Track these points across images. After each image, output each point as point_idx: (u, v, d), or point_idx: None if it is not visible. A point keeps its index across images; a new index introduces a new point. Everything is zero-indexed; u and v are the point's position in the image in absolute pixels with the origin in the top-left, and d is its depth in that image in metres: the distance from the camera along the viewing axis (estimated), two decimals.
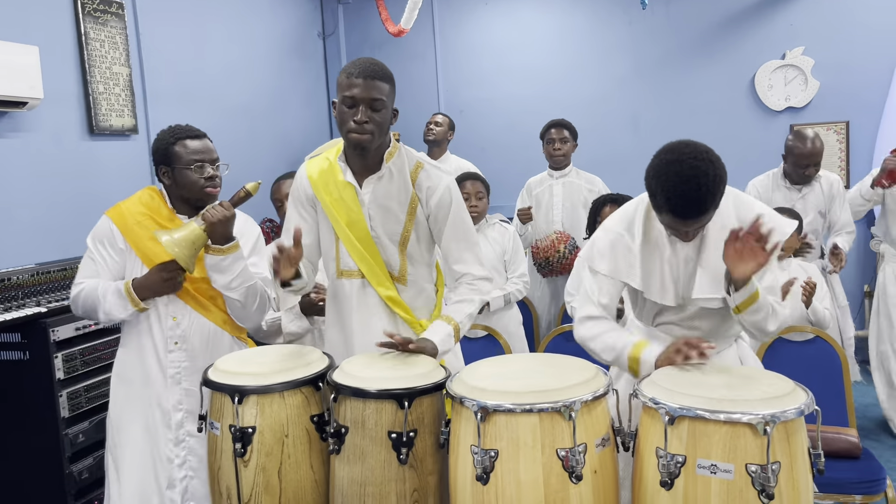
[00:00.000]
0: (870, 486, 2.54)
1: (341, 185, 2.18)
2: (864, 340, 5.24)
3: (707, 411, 1.55)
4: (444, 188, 2.19)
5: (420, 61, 6.06)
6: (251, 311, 2.35)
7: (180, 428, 2.31)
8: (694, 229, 1.90)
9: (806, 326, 2.94)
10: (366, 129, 2.05)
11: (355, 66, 2.06)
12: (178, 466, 2.32)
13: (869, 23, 5.08)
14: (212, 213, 2.19)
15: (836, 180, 3.89)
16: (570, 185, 4.19)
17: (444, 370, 1.95)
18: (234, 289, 2.27)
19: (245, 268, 2.28)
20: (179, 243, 2.16)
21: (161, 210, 2.34)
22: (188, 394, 2.31)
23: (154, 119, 4.10)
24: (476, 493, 1.67)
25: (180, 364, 2.32)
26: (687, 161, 1.77)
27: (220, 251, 2.23)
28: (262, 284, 2.36)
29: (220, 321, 2.37)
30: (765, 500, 1.51)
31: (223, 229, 2.21)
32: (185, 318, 2.33)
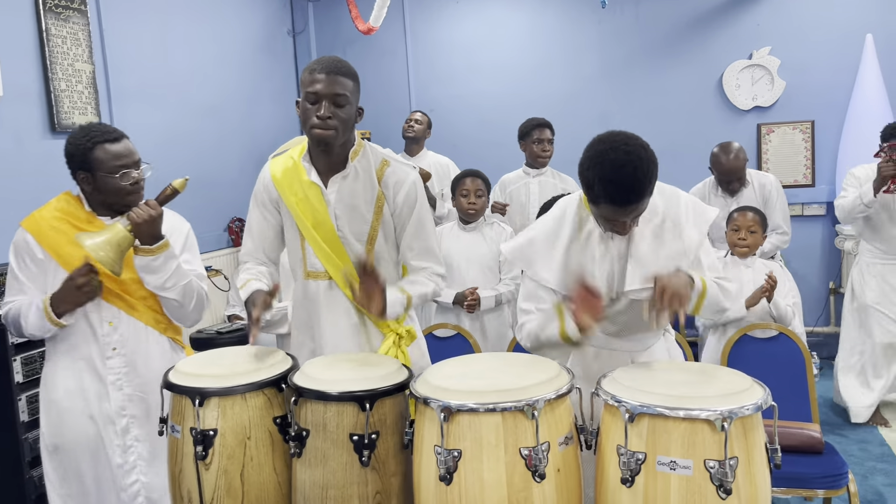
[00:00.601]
0: (832, 480, 2.58)
1: (306, 184, 2.15)
2: (829, 336, 5.33)
3: (667, 408, 1.56)
4: (410, 184, 2.18)
5: (391, 59, 6.05)
6: (189, 310, 2.29)
7: (126, 434, 2.25)
8: (630, 219, 1.90)
9: (770, 323, 2.98)
10: (329, 125, 2.03)
11: (318, 63, 2.05)
12: (127, 472, 2.26)
13: (834, 23, 5.16)
14: (137, 213, 2.10)
15: (769, 181, 3.94)
16: (546, 184, 4.20)
17: (407, 371, 1.94)
18: (168, 289, 2.21)
19: (178, 266, 2.21)
20: (103, 246, 2.06)
21: (78, 213, 2.24)
22: (130, 398, 2.25)
23: (119, 117, 4.04)
24: (440, 493, 1.66)
25: (120, 370, 2.25)
26: (620, 148, 1.79)
27: (149, 251, 2.15)
28: (198, 281, 2.29)
29: (152, 321, 2.29)
30: (723, 495, 1.52)
31: (150, 229, 2.13)
32: (121, 322, 2.25)
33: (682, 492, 1.54)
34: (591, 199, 1.88)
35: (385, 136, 5.86)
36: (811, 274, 5.29)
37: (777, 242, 3.90)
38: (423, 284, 2.18)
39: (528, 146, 4.21)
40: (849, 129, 5.03)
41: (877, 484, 3.38)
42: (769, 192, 3.91)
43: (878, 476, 3.46)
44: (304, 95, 2.06)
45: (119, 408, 2.25)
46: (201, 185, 4.75)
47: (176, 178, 2.25)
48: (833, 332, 5.33)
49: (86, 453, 2.24)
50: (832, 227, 5.29)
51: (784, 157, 5.31)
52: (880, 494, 3.28)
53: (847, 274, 5.20)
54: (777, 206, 3.91)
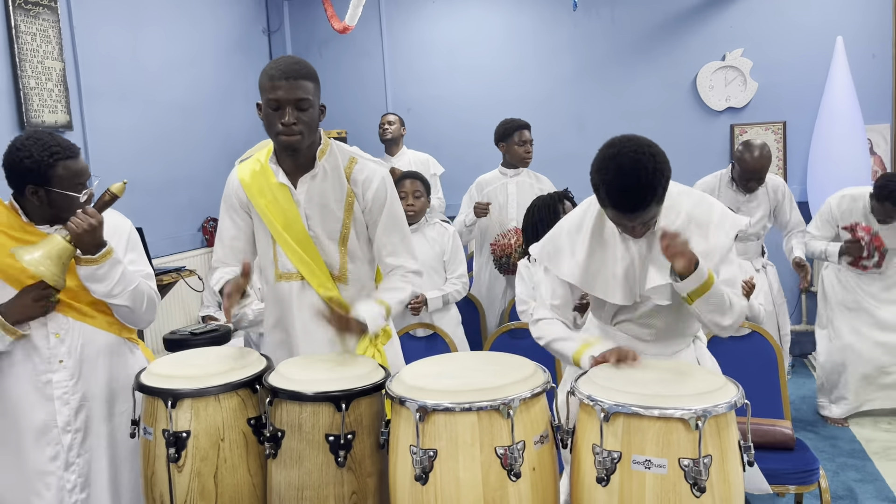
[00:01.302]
0: (804, 476, 2.61)
1: (275, 186, 2.14)
2: (801, 334, 5.41)
3: (641, 407, 1.57)
4: (379, 180, 2.18)
5: (367, 59, 6.03)
6: (141, 314, 2.17)
7: (70, 451, 2.10)
8: (640, 224, 1.88)
9: (743, 322, 3.01)
10: (294, 130, 2.02)
11: (276, 67, 2.02)
12: (70, 491, 2.10)
13: (805, 25, 5.23)
14: (76, 224, 1.97)
15: (780, 184, 4.00)
16: (524, 184, 4.21)
17: (382, 370, 1.94)
18: (116, 295, 2.09)
19: (124, 272, 2.09)
20: (43, 261, 1.94)
21: (13, 223, 2.08)
22: (77, 411, 2.11)
23: (90, 115, 3.98)
24: (415, 493, 1.66)
25: (66, 383, 2.10)
26: (627, 154, 1.77)
27: (92, 261, 2.02)
28: (147, 282, 2.19)
29: (106, 325, 2.18)
30: (697, 493, 1.53)
31: (92, 238, 2.00)
32: (68, 332, 2.11)
33: (657, 490, 1.55)
34: (599, 202, 1.88)
35: (361, 135, 5.84)
36: (783, 273, 5.32)
37: (805, 241, 3.98)
38: (399, 290, 2.16)
39: (510, 147, 4.19)
40: (819, 130, 5.10)
41: (847, 480, 3.43)
42: (782, 194, 3.97)
43: (849, 472, 3.51)
44: (265, 101, 2.03)
45: (65, 423, 2.10)
46: (175, 185, 4.71)
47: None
48: (805, 330, 5.41)
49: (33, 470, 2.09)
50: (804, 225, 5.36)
51: None
52: (851, 490, 3.33)
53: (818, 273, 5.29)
54: (793, 207, 3.99)
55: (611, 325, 2.14)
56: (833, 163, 4.91)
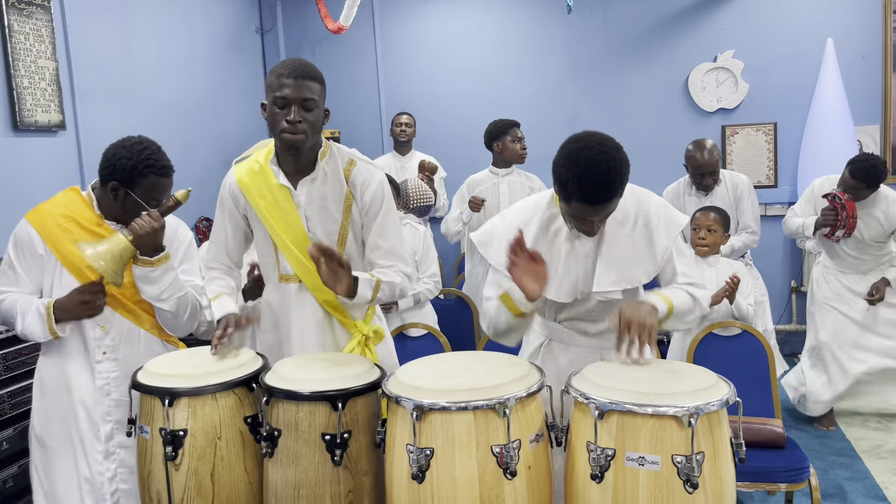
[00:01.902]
0: (794, 474, 2.63)
1: (275, 188, 2.15)
2: (791, 334, 5.45)
3: (635, 405, 1.59)
4: (377, 183, 2.19)
5: (361, 59, 6.03)
6: (182, 322, 2.26)
7: (110, 440, 2.20)
8: (600, 219, 1.92)
9: (734, 322, 3.04)
10: (299, 129, 2.03)
11: (285, 66, 2.05)
12: (109, 480, 2.20)
13: (795, 27, 5.28)
14: (140, 225, 2.07)
15: (741, 181, 4.01)
16: (515, 184, 4.23)
17: (378, 370, 1.95)
18: (164, 300, 2.17)
19: (176, 279, 2.19)
20: (104, 256, 2.03)
21: (86, 214, 2.21)
22: (118, 404, 2.20)
23: (83, 115, 3.97)
24: (412, 492, 1.68)
25: (109, 374, 2.20)
26: (595, 147, 1.82)
27: (149, 263, 2.12)
28: (194, 293, 2.28)
29: (149, 325, 2.27)
30: (689, 489, 1.56)
31: (152, 241, 2.10)
32: (113, 326, 2.21)
33: (651, 486, 1.57)
34: (563, 196, 1.89)
35: (354, 136, 5.85)
36: (773, 273, 5.40)
37: (747, 241, 3.97)
38: (391, 275, 2.16)
39: (505, 145, 4.21)
40: (810, 131, 5.14)
41: (837, 478, 3.46)
42: (741, 191, 3.98)
43: (839, 470, 3.54)
44: (271, 99, 2.05)
45: (105, 413, 2.20)
46: None
47: None
48: (795, 329, 5.46)
49: (68, 454, 2.20)
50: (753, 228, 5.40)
51: (748, 159, 5.41)
52: (840, 488, 3.36)
53: (807, 273, 5.33)
54: (748, 206, 3.98)
55: (554, 321, 2.15)
56: (823, 164, 4.94)
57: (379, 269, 2.18)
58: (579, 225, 1.95)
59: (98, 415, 2.20)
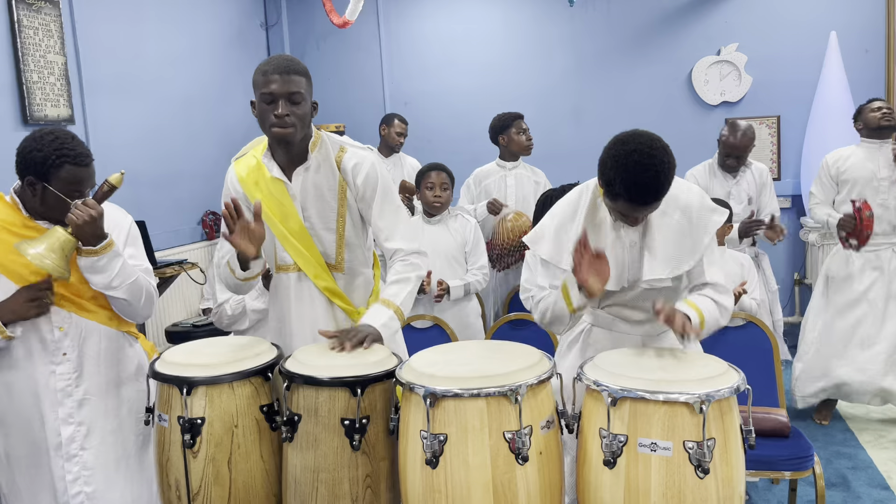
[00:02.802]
0: (799, 462, 2.66)
1: (270, 181, 2.20)
2: (795, 326, 5.48)
3: (647, 392, 1.62)
4: (369, 165, 2.21)
5: (365, 53, 6.05)
6: (139, 308, 2.19)
7: (71, 443, 2.14)
8: (645, 214, 1.97)
9: (739, 313, 3.07)
10: (287, 123, 2.06)
11: (270, 63, 2.09)
12: (71, 482, 2.14)
13: (799, 21, 5.29)
14: (77, 215, 1.98)
15: (765, 170, 4.09)
16: (522, 177, 4.25)
17: (395, 358, 1.98)
18: (116, 288, 2.11)
19: (124, 264, 2.12)
20: (47, 254, 1.97)
21: (14, 219, 2.10)
22: (81, 404, 2.15)
23: (91, 109, 4.01)
24: (426, 477, 1.71)
25: (70, 375, 2.14)
26: (644, 151, 1.84)
27: (93, 252, 2.04)
28: (146, 276, 2.21)
29: (105, 319, 2.20)
30: (700, 474, 1.59)
31: (92, 229, 2.01)
32: (71, 326, 2.14)
33: (662, 472, 1.61)
34: (609, 195, 1.92)
35: (359, 129, 5.86)
36: (777, 265, 5.40)
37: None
38: (403, 281, 2.17)
39: (511, 138, 4.22)
40: (813, 124, 5.17)
41: (840, 467, 3.50)
42: (766, 179, 4.06)
43: (842, 460, 3.58)
44: (259, 96, 2.09)
45: (67, 415, 2.14)
46: (174, 179, 4.74)
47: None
48: (798, 321, 5.48)
49: (34, 461, 2.15)
50: (797, 219, 5.44)
51: (751, 152, 5.41)
52: (844, 477, 3.40)
53: (811, 265, 5.35)
54: (772, 194, 4.08)
55: (598, 307, 2.18)
56: None
57: (390, 278, 2.19)
58: (624, 218, 2.00)
59: (61, 416, 2.14)
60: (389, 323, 2.09)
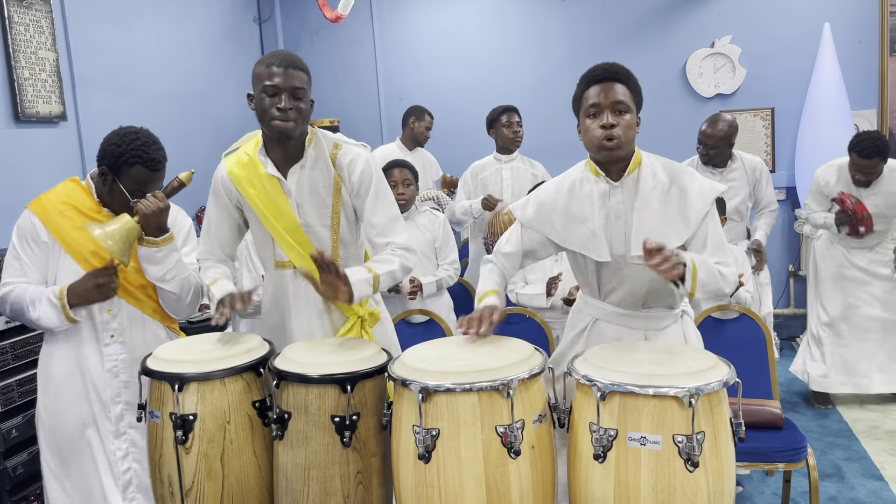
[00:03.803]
0: (792, 454, 2.67)
1: (264, 177, 2.19)
2: (789, 318, 5.50)
3: (637, 386, 1.62)
4: (364, 162, 2.22)
5: (359, 47, 6.04)
6: (185, 304, 2.32)
7: (120, 420, 2.27)
8: (614, 109, 2.05)
9: (733, 305, 3.07)
10: (290, 117, 2.08)
11: (274, 56, 2.11)
12: (121, 459, 2.28)
13: (793, 13, 5.29)
14: (145, 205, 2.14)
15: (758, 163, 4.10)
16: (518, 170, 4.26)
17: (385, 354, 1.99)
18: (168, 280, 2.24)
19: (179, 260, 2.26)
20: (112, 236, 2.10)
21: (85, 201, 2.26)
22: (126, 386, 2.28)
23: (83, 105, 3.99)
24: (418, 471, 1.71)
25: (117, 357, 2.27)
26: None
27: (154, 243, 2.19)
28: (196, 275, 2.33)
29: (150, 311, 2.33)
30: (690, 468, 1.59)
31: (157, 221, 2.17)
32: (120, 310, 2.27)
33: (652, 465, 1.61)
34: (579, 90, 2.15)
35: (353, 125, 5.86)
36: (771, 257, 5.42)
37: (772, 221, 4.10)
38: (388, 262, 2.18)
39: (498, 131, 4.25)
40: (807, 116, 5.17)
41: (835, 458, 3.51)
42: (760, 172, 4.08)
43: (837, 451, 3.59)
44: (261, 88, 2.09)
45: (114, 394, 2.27)
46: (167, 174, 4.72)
47: None
48: (793, 313, 5.50)
49: (82, 437, 2.26)
50: (791, 211, 5.44)
51: (745, 144, 5.42)
52: (838, 468, 3.41)
53: (805, 256, 5.36)
54: (769, 185, 4.11)
55: (602, 301, 2.17)
56: (820, 148, 4.97)
57: (375, 258, 2.21)
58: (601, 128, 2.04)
59: (108, 396, 2.26)
60: (363, 284, 2.07)
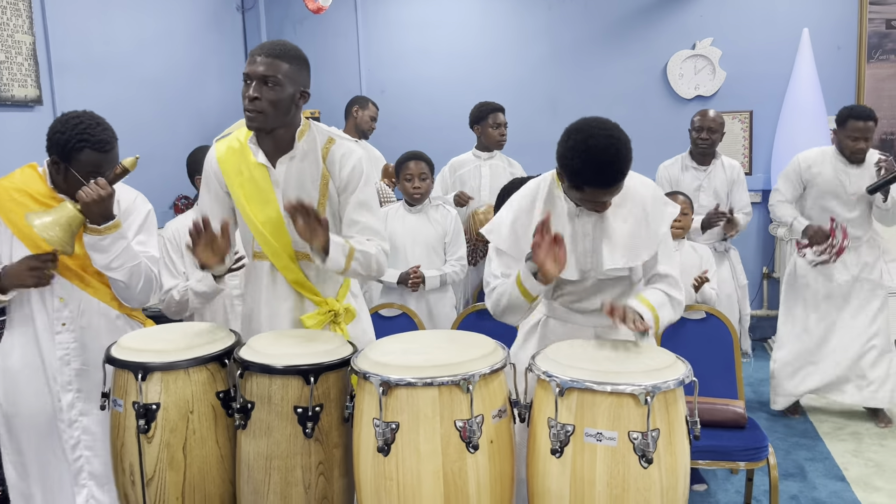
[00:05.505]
0: (753, 453, 2.71)
1: (253, 165, 2.17)
2: (763, 319, 5.56)
3: (595, 383, 1.65)
4: (356, 159, 2.19)
5: (342, 39, 6.01)
6: (135, 292, 2.27)
7: (71, 409, 2.26)
8: (612, 196, 1.99)
9: (701, 306, 3.11)
10: (255, 106, 2.04)
11: (261, 45, 2.09)
12: (73, 447, 2.27)
13: (773, 17, 5.33)
14: (87, 193, 2.08)
15: (736, 165, 4.16)
16: (497, 168, 4.27)
17: (351, 346, 1.99)
18: (114, 269, 2.19)
19: (127, 247, 2.20)
20: (51, 227, 2.06)
21: (39, 188, 2.24)
22: (79, 374, 2.27)
23: (60, 90, 3.95)
24: (377, 464, 1.73)
25: (69, 345, 2.26)
26: (600, 134, 1.88)
27: (98, 231, 2.13)
28: (149, 264, 2.29)
29: (108, 298, 2.30)
30: (644, 464, 1.62)
31: (100, 209, 2.10)
32: (71, 298, 2.25)
33: (608, 461, 1.64)
34: (575, 185, 1.93)
35: (335, 116, 5.83)
36: (746, 259, 5.45)
37: (743, 222, 4.10)
38: (365, 244, 2.15)
39: (484, 130, 4.25)
40: (784, 121, 5.21)
41: (799, 458, 3.57)
42: (737, 174, 4.13)
43: (801, 451, 3.65)
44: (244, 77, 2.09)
45: (66, 382, 2.25)
46: (145, 162, 4.65)
47: (120, 154, 2.25)
48: (766, 315, 5.56)
49: (38, 425, 2.25)
50: (767, 214, 5.48)
51: (724, 146, 5.42)
52: (801, 468, 3.47)
53: (779, 259, 5.43)
54: (743, 188, 4.15)
55: (552, 299, 2.20)
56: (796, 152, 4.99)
57: (353, 239, 2.18)
58: (592, 205, 2.01)
59: (59, 385, 2.25)
60: (338, 245, 2.02)
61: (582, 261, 2.09)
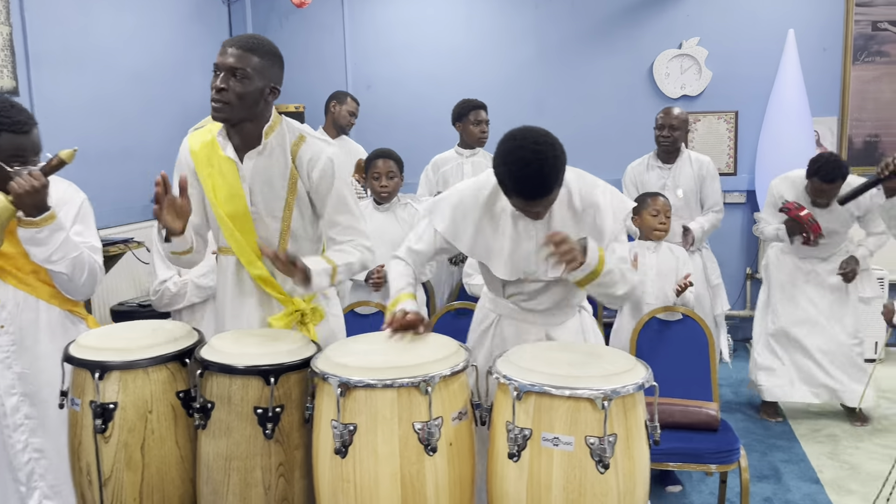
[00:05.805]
0: (725, 455, 2.71)
1: (221, 159, 2.15)
2: (745, 319, 5.56)
3: (552, 387, 1.64)
4: (325, 160, 2.15)
5: (328, 34, 5.98)
6: (79, 284, 2.21)
7: (16, 413, 2.20)
8: (543, 208, 1.98)
9: (677, 307, 3.10)
10: (222, 97, 2.01)
11: (236, 36, 2.08)
12: (21, 451, 2.21)
13: (759, 17, 5.32)
14: (19, 184, 1.99)
15: (706, 161, 4.14)
16: (479, 165, 4.26)
17: (314, 346, 1.98)
18: (55, 262, 2.13)
19: (66, 239, 2.13)
20: None
21: None
22: (21, 377, 2.20)
23: (37, 81, 3.91)
24: (335, 466, 1.71)
25: (8, 348, 2.18)
26: (529, 146, 1.85)
27: (33, 223, 2.06)
28: (90, 253, 2.23)
29: (47, 296, 2.23)
30: (601, 469, 1.61)
31: (34, 200, 2.02)
32: (8, 298, 2.18)
33: (564, 466, 1.63)
34: (504, 190, 1.95)
35: (320, 111, 5.79)
36: (730, 259, 5.49)
37: (715, 221, 4.12)
38: (348, 254, 2.15)
39: (465, 127, 4.24)
40: (769, 121, 5.21)
41: (774, 460, 3.57)
42: (707, 171, 4.11)
43: (777, 453, 3.65)
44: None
45: (8, 386, 2.19)
46: (126, 155, 4.66)
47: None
48: (749, 315, 5.56)
49: None
50: (751, 214, 5.49)
51: (709, 146, 5.47)
52: (776, 469, 3.47)
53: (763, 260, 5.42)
54: (715, 185, 4.13)
55: (503, 297, 2.21)
56: (781, 154, 5.02)
57: (336, 247, 2.18)
58: (524, 212, 2.01)
59: (2, 388, 2.18)
60: (322, 274, 2.03)
61: (524, 262, 2.08)
